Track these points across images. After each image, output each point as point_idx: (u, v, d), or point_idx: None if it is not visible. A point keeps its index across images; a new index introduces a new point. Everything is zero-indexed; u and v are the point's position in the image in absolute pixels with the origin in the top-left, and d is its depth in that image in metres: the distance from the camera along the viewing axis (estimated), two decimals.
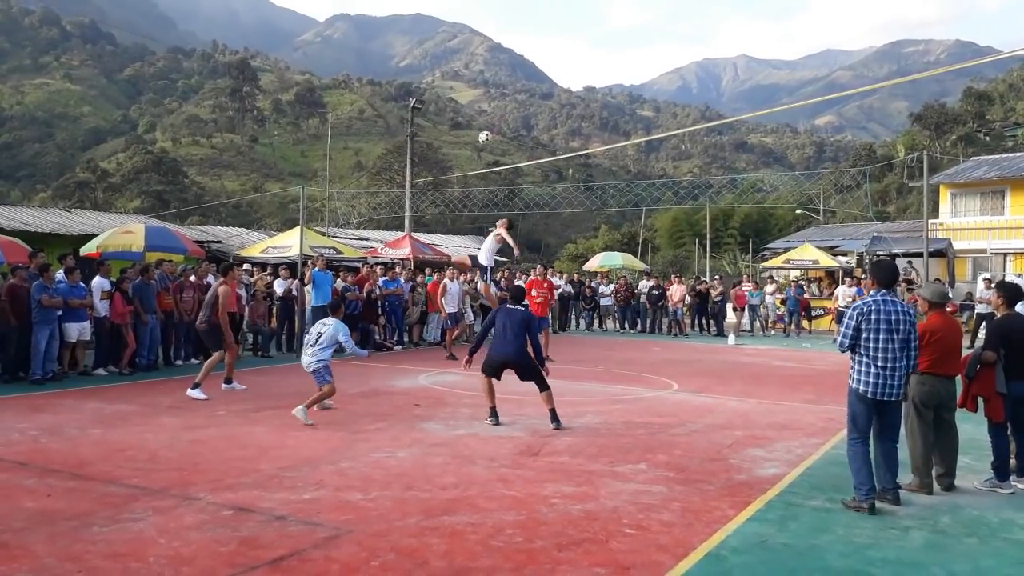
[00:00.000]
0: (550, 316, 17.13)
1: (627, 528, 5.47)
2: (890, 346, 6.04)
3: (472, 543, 5.10)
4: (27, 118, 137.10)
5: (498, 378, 9.28)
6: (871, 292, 6.32)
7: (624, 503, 6.04)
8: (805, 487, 6.68)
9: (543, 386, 9.11)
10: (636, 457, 7.60)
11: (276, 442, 7.98)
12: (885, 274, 6.34)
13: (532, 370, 9.15)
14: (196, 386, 10.53)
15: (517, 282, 22.53)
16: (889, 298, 6.18)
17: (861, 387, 6.12)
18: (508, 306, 9.39)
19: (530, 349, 9.21)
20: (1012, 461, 6.90)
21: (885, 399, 6.08)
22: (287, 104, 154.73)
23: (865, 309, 6.11)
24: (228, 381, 11.32)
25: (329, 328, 9.59)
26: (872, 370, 6.06)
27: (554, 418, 8.97)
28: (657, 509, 5.92)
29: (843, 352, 6.33)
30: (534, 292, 15.97)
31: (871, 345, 6.07)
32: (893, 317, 6.06)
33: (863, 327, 6.10)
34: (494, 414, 9.19)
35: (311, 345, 9.56)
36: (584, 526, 5.48)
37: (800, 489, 6.61)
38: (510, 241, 15.21)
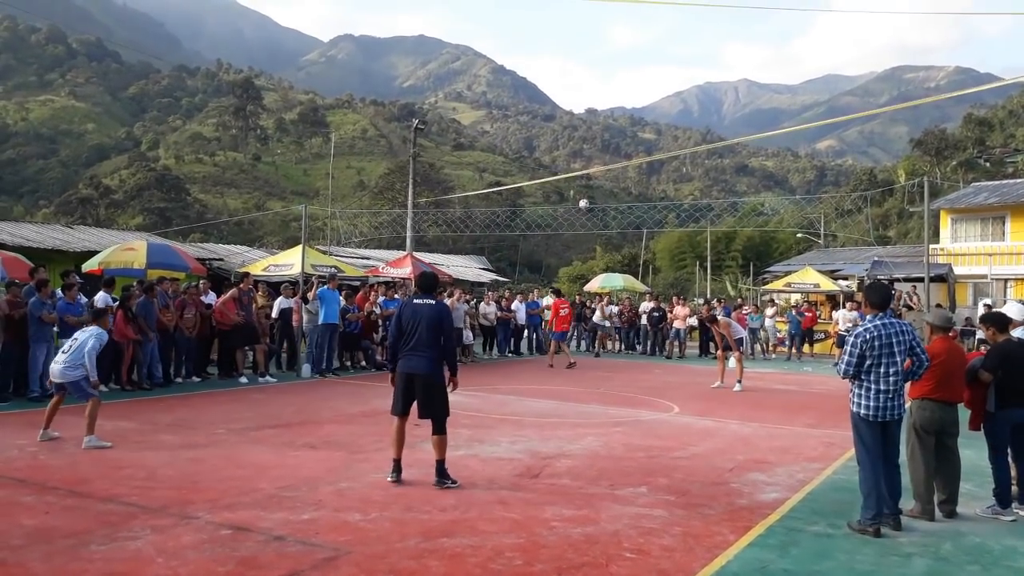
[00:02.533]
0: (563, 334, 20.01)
1: (628, 552, 5.44)
2: (892, 370, 6.07)
3: (471, 566, 5.06)
4: (31, 134, 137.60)
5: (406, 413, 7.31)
6: (868, 316, 6.29)
7: (625, 527, 6.00)
8: (806, 512, 6.64)
9: (438, 427, 7.14)
10: (637, 480, 7.56)
11: (275, 462, 7.95)
12: (879, 296, 6.33)
13: (436, 397, 7.17)
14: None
15: (515, 302, 22.74)
16: (887, 320, 6.19)
17: (863, 411, 6.13)
18: (415, 300, 7.38)
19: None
20: (1013, 488, 6.87)
21: (887, 420, 6.13)
22: (290, 123, 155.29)
23: (867, 336, 6.09)
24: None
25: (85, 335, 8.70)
26: (872, 394, 6.08)
27: (441, 473, 7.09)
28: (658, 533, 5.89)
29: (844, 379, 6.30)
30: (563, 311, 19.44)
31: (874, 371, 6.07)
32: (894, 340, 6.09)
33: (867, 354, 6.08)
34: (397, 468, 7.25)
35: (63, 352, 8.67)
36: (584, 550, 5.45)
37: (801, 514, 6.58)
38: None
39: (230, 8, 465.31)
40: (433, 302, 7.28)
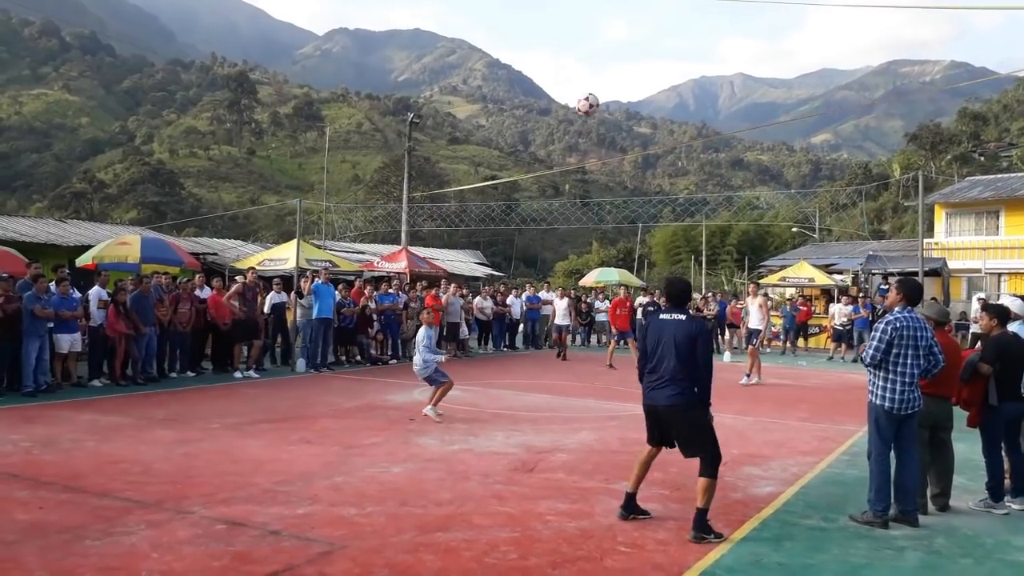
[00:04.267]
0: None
1: (622, 546, 5.45)
2: (914, 362, 6.10)
3: (466, 560, 5.07)
4: (25, 128, 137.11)
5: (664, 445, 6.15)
6: (897, 308, 6.26)
7: (619, 521, 6.02)
8: (800, 506, 6.66)
9: (704, 468, 5.76)
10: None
11: (270, 456, 7.95)
12: (914, 291, 6.37)
13: (690, 432, 5.91)
14: None
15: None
16: (914, 314, 6.22)
17: (887, 404, 6.11)
18: (662, 315, 6.06)
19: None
20: (1007, 481, 6.90)
21: (907, 413, 6.13)
22: (285, 117, 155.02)
23: (898, 325, 6.08)
24: None
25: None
26: (897, 387, 6.09)
27: (699, 526, 5.64)
28: (652, 527, 5.90)
29: (868, 366, 6.22)
30: (618, 311, 19.43)
31: (900, 362, 6.08)
32: (919, 333, 6.13)
33: (895, 343, 6.08)
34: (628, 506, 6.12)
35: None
36: (579, 544, 5.46)
37: (795, 508, 6.60)
38: None
39: (224, 1, 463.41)
40: (684, 317, 5.89)
